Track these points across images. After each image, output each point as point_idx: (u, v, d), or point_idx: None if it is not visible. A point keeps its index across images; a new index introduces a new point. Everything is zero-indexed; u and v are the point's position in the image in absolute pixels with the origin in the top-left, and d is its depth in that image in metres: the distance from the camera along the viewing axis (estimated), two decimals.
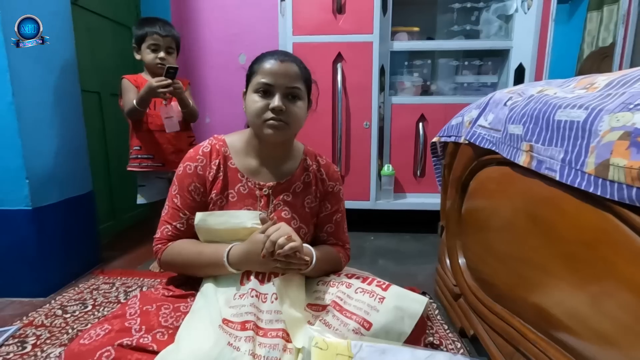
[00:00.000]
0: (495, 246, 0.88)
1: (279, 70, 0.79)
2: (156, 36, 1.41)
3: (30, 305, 1.25)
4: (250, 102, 0.81)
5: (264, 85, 0.79)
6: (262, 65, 0.80)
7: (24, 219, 1.26)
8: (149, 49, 1.43)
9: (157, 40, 1.42)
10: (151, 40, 1.42)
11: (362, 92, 1.88)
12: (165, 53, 1.44)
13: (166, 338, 0.71)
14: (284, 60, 0.80)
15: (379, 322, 0.73)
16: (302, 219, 0.89)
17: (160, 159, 1.49)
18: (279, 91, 0.79)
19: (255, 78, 0.81)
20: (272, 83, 0.79)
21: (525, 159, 0.70)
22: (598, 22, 2.54)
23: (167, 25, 1.45)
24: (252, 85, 0.82)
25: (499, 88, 1.98)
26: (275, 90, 0.79)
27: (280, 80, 0.79)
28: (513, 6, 1.87)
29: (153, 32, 1.41)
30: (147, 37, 1.41)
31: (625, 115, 0.48)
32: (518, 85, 0.97)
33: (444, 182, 1.27)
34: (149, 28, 1.41)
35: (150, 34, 1.41)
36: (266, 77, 0.79)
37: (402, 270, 1.58)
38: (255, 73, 0.81)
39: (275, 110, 0.78)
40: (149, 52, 1.43)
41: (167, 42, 1.44)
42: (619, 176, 0.47)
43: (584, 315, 0.59)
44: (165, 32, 1.42)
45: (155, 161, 1.50)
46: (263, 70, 0.80)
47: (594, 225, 0.54)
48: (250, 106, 0.81)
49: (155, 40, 1.42)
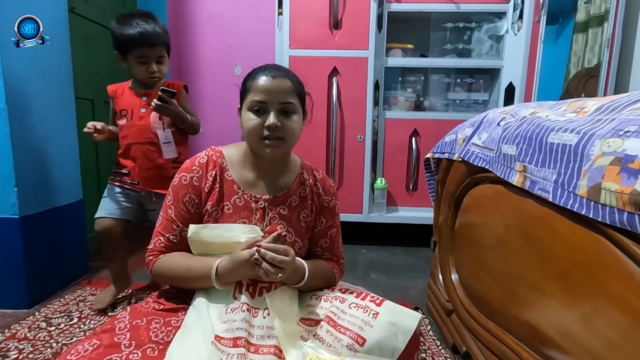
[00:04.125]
0: (488, 263, 0.89)
1: (272, 87, 0.79)
2: (144, 49, 1.21)
3: (13, 317, 1.22)
4: (246, 121, 0.81)
5: (258, 104, 0.79)
6: (255, 83, 0.80)
7: (11, 227, 1.23)
8: (137, 62, 1.23)
9: (145, 52, 1.22)
10: (139, 53, 1.22)
11: (357, 106, 1.90)
12: (156, 64, 1.25)
13: (157, 354, 0.69)
14: (276, 76, 0.80)
15: (372, 338, 0.72)
16: (298, 233, 0.88)
17: (136, 176, 1.28)
18: (273, 108, 0.79)
19: (249, 96, 0.81)
20: (266, 100, 0.79)
21: (519, 179, 0.71)
22: (583, 44, 2.64)
23: (152, 25, 1.21)
24: (246, 103, 0.82)
25: (490, 105, 2.03)
26: (270, 107, 0.80)
27: (273, 97, 0.79)
28: (504, 27, 1.93)
29: (139, 45, 1.20)
30: (133, 49, 1.21)
31: (616, 141, 0.50)
32: (510, 106, 0.99)
33: (437, 197, 1.28)
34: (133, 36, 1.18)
35: (135, 47, 1.20)
36: (260, 95, 0.79)
37: (395, 284, 1.58)
38: (249, 91, 0.81)
39: (271, 127, 0.79)
40: (137, 64, 1.23)
41: (157, 52, 1.24)
42: (611, 200, 0.49)
43: (576, 334, 0.59)
44: (154, 42, 1.21)
45: (131, 177, 1.29)
46: (256, 88, 0.80)
47: (587, 246, 0.56)
48: (246, 124, 0.81)
49: (144, 54, 1.22)
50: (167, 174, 1.26)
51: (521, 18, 1.84)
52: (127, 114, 1.27)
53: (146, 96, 1.26)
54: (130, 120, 1.27)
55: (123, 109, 1.27)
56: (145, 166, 1.27)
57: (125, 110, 1.27)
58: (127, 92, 1.29)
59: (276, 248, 0.74)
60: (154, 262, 0.84)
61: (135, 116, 1.26)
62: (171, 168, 1.27)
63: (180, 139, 1.32)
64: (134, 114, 1.26)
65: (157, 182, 1.27)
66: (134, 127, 1.26)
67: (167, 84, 1.30)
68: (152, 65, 1.24)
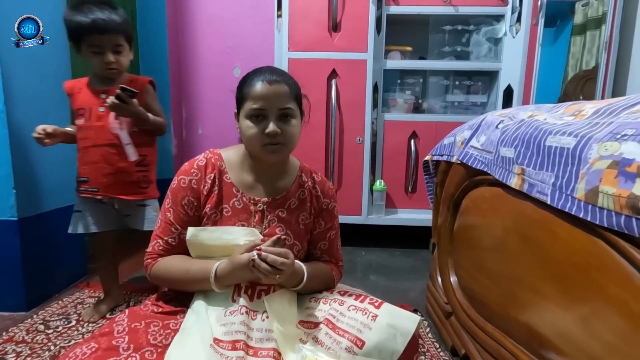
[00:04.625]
0: (487, 265, 0.89)
1: (270, 94, 0.78)
2: (95, 36, 1.08)
3: (11, 320, 1.21)
4: (245, 128, 0.80)
5: (257, 111, 0.79)
6: (252, 90, 0.79)
7: (9, 229, 1.23)
8: (91, 52, 1.11)
9: (97, 41, 1.09)
10: (91, 42, 1.09)
11: (356, 108, 1.91)
12: (114, 54, 1.13)
13: (155, 357, 0.69)
14: (272, 81, 0.79)
15: (371, 340, 0.72)
16: (296, 235, 0.88)
17: (94, 183, 1.17)
18: (272, 114, 0.79)
19: (246, 104, 0.80)
20: (264, 107, 0.78)
21: (517, 181, 0.72)
22: (581, 46, 2.66)
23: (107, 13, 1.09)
24: (244, 110, 0.81)
25: (488, 107, 2.04)
26: (269, 114, 0.79)
27: (272, 104, 0.79)
28: (502, 30, 1.94)
29: (89, 32, 1.07)
30: (84, 37, 1.09)
31: (613, 145, 0.50)
32: (509, 109, 1.00)
33: (435, 199, 1.28)
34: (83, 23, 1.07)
35: (86, 34, 1.08)
36: (257, 103, 0.78)
37: (394, 286, 1.58)
38: (246, 98, 0.80)
39: (271, 135, 0.78)
40: (91, 55, 1.12)
41: (111, 40, 1.10)
42: (608, 203, 0.49)
43: (574, 336, 0.60)
44: (106, 28, 1.07)
45: (90, 185, 1.18)
46: (254, 95, 0.79)
47: (585, 249, 0.56)
48: (245, 132, 0.81)
49: (96, 42, 1.09)
50: (130, 179, 1.19)
51: (519, 21, 1.85)
52: (85, 114, 1.15)
53: (105, 93, 1.14)
54: (88, 121, 1.15)
55: (80, 107, 1.17)
56: (104, 170, 1.16)
57: (83, 109, 1.16)
58: (85, 90, 1.17)
59: (277, 251, 0.74)
60: (153, 265, 0.84)
61: (94, 116, 1.15)
62: (135, 172, 1.19)
63: (145, 140, 1.21)
64: (92, 114, 1.15)
65: (121, 188, 1.18)
66: (92, 128, 1.15)
67: (131, 79, 1.20)
68: (107, 55, 1.11)
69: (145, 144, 1.22)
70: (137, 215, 1.25)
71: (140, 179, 1.22)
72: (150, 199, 1.26)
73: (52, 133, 1.13)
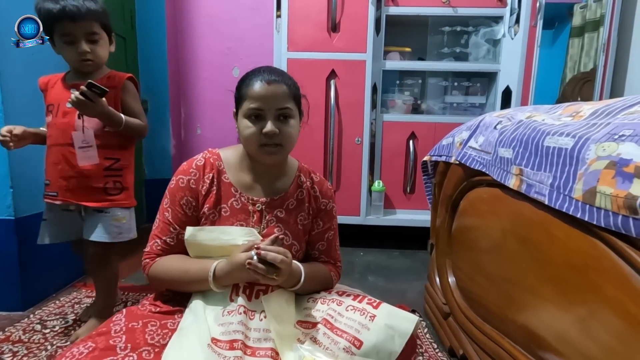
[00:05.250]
0: (485, 266, 0.89)
1: (268, 94, 0.78)
2: (67, 23, 0.97)
3: (7, 320, 1.20)
4: (243, 128, 0.80)
5: (255, 111, 0.79)
6: (251, 89, 0.79)
7: (6, 229, 1.22)
8: (63, 42, 1.00)
9: (69, 29, 0.98)
10: (61, 31, 0.99)
11: (355, 108, 1.91)
12: (89, 43, 1.01)
13: (152, 357, 0.69)
14: (271, 81, 0.79)
15: (369, 340, 0.72)
16: (295, 236, 0.88)
17: (54, 186, 1.06)
18: (270, 115, 0.79)
19: (245, 103, 0.80)
20: (263, 107, 0.78)
21: (515, 182, 0.72)
22: (579, 48, 2.67)
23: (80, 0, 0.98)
24: (242, 110, 0.81)
25: (487, 109, 2.04)
26: (267, 114, 0.79)
27: (270, 104, 0.79)
28: (501, 31, 1.95)
29: (60, 20, 0.97)
30: (55, 26, 0.99)
31: (611, 145, 0.51)
32: (507, 110, 1.00)
33: (434, 200, 1.28)
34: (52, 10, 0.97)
35: (57, 22, 0.97)
36: (256, 103, 0.78)
37: (392, 286, 1.58)
38: (244, 98, 0.80)
39: (269, 135, 0.78)
40: (64, 45, 1.01)
41: (83, 28, 0.99)
42: (606, 204, 0.49)
43: (572, 337, 0.60)
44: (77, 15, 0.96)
45: (50, 188, 1.07)
46: (252, 95, 0.79)
47: (583, 250, 0.56)
48: (243, 132, 0.81)
49: (67, 30, 0.98)
50: (95, 184, 1.05)
51: (518, 22, 1.86)
52: (53, 110, 1.05)
53: (74, 87, 1.00)
54: (55, 117, 1.05)
55: (50, 103, 1.07)
56: (65, 173, 1.04)
57: (52, 105, 1.06)
58: (59, 84, 1.07)
59: (276, 250, 0.74)
60: (151, 265, 0.83)
61: (60, 112, 1.04)
62: (102, 177, 1.06)
63: (118, 142, 1.08)
64: (59, 110, 1.04)
65: (83, 193, 1.05)
66: (56, 125, 1.04)
67: (110, 75, 1.09)
68: (81, 45, 1.00)
69: (119, 146, 1.08)
70: (90, 222, 1.07)
71: (110, 185, 1.07)
72: (118, 207, 1.08)
73: (19, 135, 1.02)
